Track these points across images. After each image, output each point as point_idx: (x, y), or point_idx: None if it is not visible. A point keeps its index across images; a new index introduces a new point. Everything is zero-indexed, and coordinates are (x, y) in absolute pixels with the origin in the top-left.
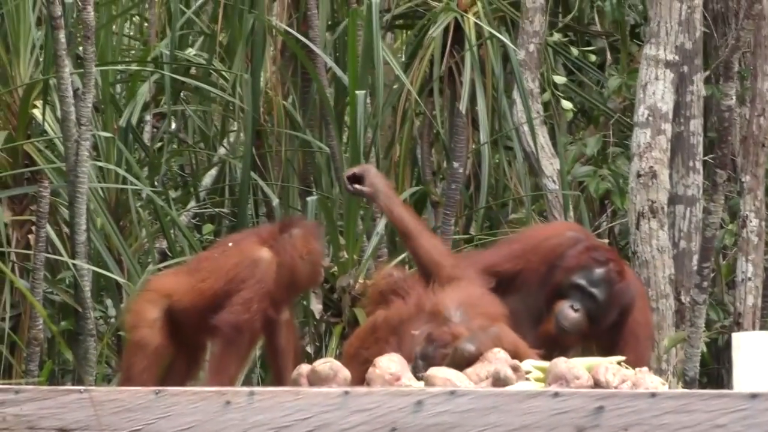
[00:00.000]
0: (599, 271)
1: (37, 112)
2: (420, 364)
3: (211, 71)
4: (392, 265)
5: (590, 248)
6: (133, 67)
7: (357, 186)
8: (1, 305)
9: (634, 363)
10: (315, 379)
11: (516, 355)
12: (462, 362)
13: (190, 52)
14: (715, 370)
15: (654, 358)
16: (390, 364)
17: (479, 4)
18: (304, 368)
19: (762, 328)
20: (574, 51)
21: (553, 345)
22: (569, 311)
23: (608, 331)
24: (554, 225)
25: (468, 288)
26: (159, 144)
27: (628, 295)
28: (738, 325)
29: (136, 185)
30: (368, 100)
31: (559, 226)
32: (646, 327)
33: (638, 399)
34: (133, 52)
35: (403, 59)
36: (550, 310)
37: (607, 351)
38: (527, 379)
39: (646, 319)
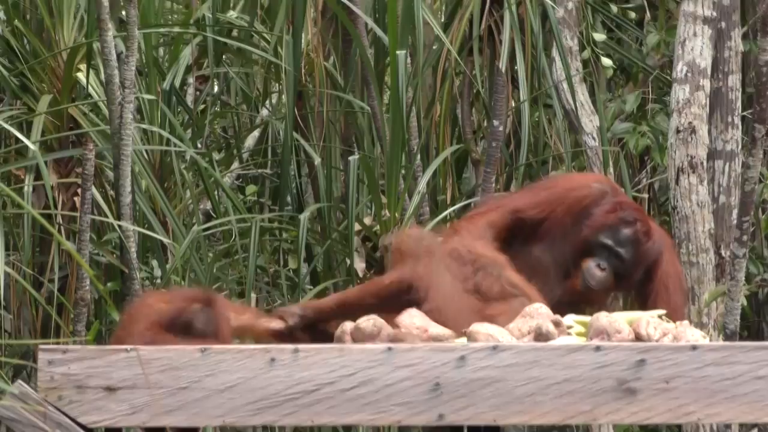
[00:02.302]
0: (627, 231)
1: (81, 76)
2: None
3: (253, 33)
4: (418, 225)
5: (617, 206)
6: (176, 29)
7: None
8: (49, 267)
9: (667, 315)
10: (359, 336)
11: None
12: None
13: (232, 14)
14: (755, 323)
15: (695, 312)
16: (412, 319)
17: None
18: (348, 325)
19: None
20: (613, 8)
21: (579, 300)
22: (596, 270)
23: (637, 285)
24: (581, 176)
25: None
26: (202, 106)
27: (654, 253)
28: None
29: (179, 147)
30: (408, 60)
31: (585, 178)
32: (676, 278)
33: (679, 352)
34: (175, 15)
35: (443, 19)
36: (576, 266)
37: (637, 305)
38: (569, 333)
39: (675, 270)
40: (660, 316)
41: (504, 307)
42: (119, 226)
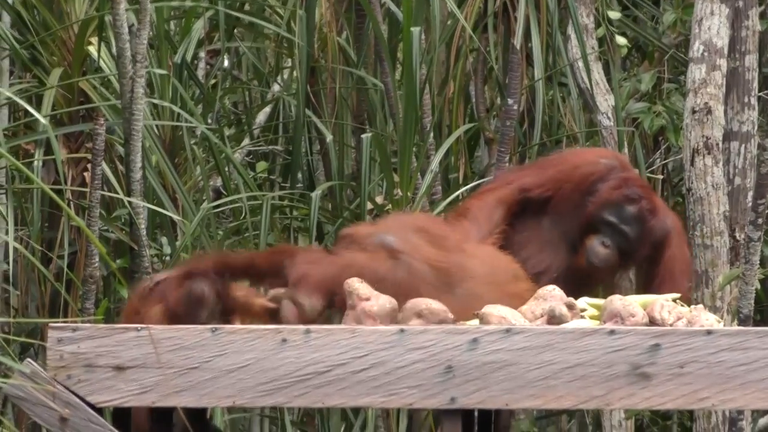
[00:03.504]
0: (631, 208)
1: (92, 49)
2: None
3: (265, 7)
4: (440, 207)
5: (623, 182)
6: (188, 3)
7: None
8: (58, 243)
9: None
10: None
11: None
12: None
13: None
14: None
15: (708, 295)
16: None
17: None
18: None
19: None
20: None
21: (585, 276)
22: (600, 247)
23: (643, 266)
24: (589, 151)
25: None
26: (213, 81)
27: (660, 231)
28: None
29: (190, 122)
30: (422, 37)
31: (593, 153)
32: (682, 262)
33: (694, 336)
34: None
35: None
36: (582, 243)
37: (641, 288)
38: (582, 317)
39: (682, 254)
40: (674, 300)
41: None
42: (129, 202)
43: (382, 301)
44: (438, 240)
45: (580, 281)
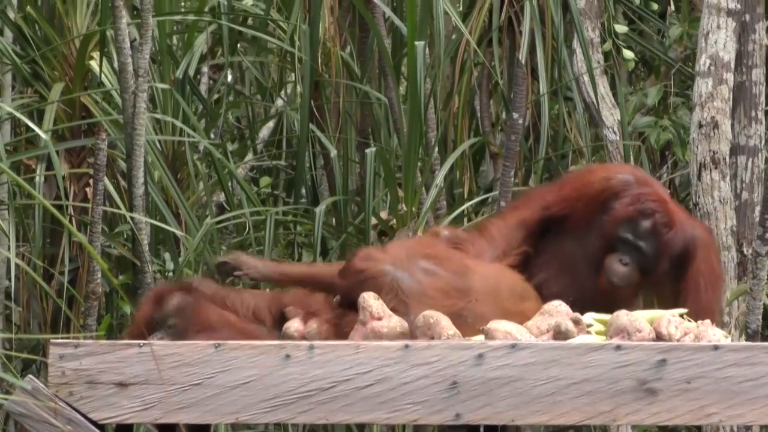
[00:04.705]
0: (645, 223)
1: (93, 64)
2: None
3: (269, 21)
4: (445, 223)
5: (636, 198)
6: (190, 17)
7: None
8: (60, 259)
9: (696, 314)
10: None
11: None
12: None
13: (247, 2)
14: None
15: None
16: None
17: None
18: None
19: None
20: None
21: (609, 297)
22: (618, 265)
23: (668, 282)
24: (604, 167)
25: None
26: (216, 96)
27: (680, 244)
28: None
29: (193, 137)
30: (427, 51)
31: (607, 169)
32: (709, 276)
33: (701, 352)
34: (189, 2)
35: (462, 9)
36: (602, 263)
37: (668, 303)
38: (588, 332)
39: (709, 268)
40: (681, 315)
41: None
42: (131, 218)
43: (393, 323)
44: (444, 263)
45: (604, 302)
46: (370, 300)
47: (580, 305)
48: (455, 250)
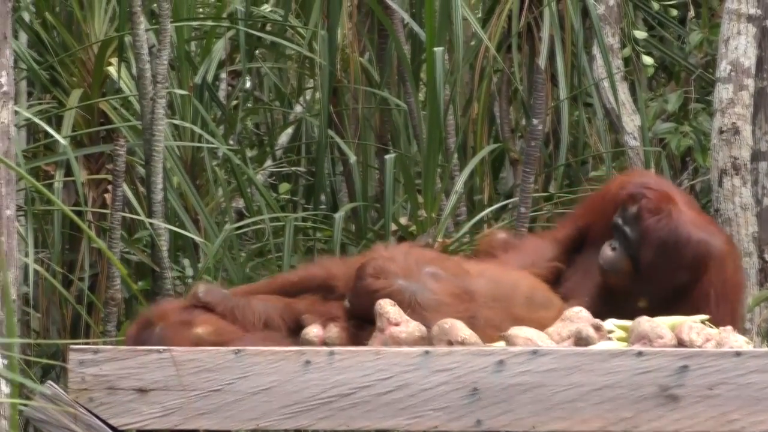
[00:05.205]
0: (632, 208)
1: (112, 70)
2: None
3: (287, 27)
4: (498, 227)
5: (636, 187)
6: (209, 23)
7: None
8: (79, 265)
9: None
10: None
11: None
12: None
13: (266, 8)
14: None
15: None
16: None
17: None
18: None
19: None
20: (655, 5)
21: (609, 291)
22: (606, 249)
23: (680, 291)
24: (624, 175)
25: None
26: (234, 102)
27: (660, 232)
28: None
29: (212, 143)
30: (446, 57)
31: (627, 177)
32: (722, 286)
33: (723, 358)
34: (207, 8)
35: (481, 15)
36: None
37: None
38: (609, 338)
39: (723, 278)
40: (703, 321)
41: None
42: (150, 224)
43: (412, 328)
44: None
45: (608, 297)
46: (387, 306)
47: (595, 310)
48: (486, 254)
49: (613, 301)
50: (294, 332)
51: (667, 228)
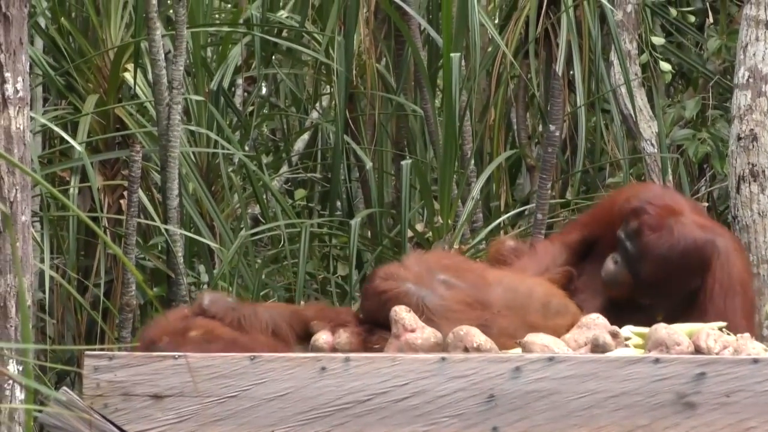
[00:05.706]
0: (634, 222)
1: (128, 76)
2: None
3: (304, 34)
4: (511, 234)
5: (642, 201)
6: (225, 29)
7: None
8: (94, 271)
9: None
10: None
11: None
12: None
13: (282, 14)
14: None
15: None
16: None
17: None
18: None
19: None
20: (673, 11)
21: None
22: (609, 262)
23: (681, 299)
24: (632, 186)
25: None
26: (250, 108)
27: (660, 249)
28: None
29: (228, 150)
30: (463, 63)
31: (635, 188)
32: (728, 284)
33: (740, 365)
34: (224, 14)
35: (498, 21)
36: None
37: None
38: (626, 345)
39: (727, 277)
40: (720, 329)
41: None
42: (166, 230)
43: (427, 334)
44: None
45: (615, 308)
46: (402, 313)
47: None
48: (496, 261)
49: (620, 311)
50: (303, 339)
51: (668, 244)
